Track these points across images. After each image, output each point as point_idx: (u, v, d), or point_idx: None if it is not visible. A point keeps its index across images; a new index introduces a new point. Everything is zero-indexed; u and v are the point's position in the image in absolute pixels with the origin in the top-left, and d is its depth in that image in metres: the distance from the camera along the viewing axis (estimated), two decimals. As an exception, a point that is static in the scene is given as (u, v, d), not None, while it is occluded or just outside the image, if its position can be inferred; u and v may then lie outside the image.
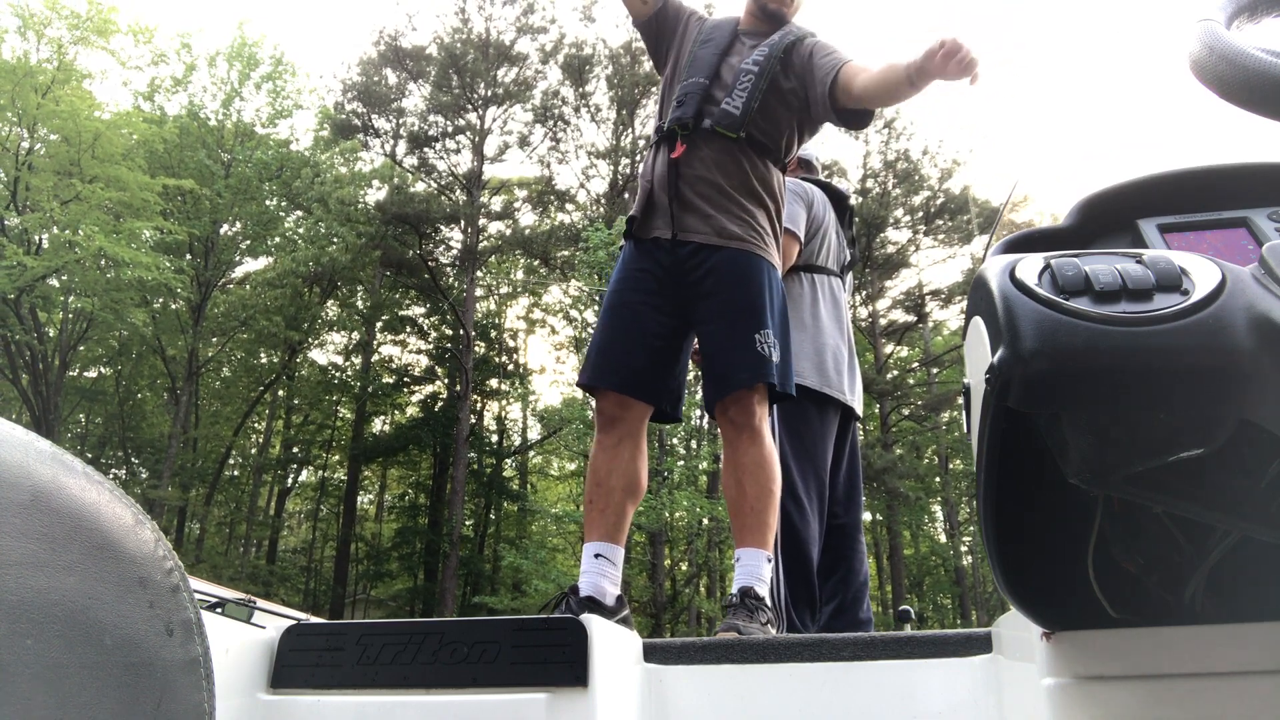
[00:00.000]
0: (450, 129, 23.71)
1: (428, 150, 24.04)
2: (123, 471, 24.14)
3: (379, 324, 25.85)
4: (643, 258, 2.24)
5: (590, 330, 21.27)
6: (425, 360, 26.61)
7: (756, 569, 2.04)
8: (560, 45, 23.28)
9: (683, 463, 17.76)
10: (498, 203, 24.70)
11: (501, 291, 27.47)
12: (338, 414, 26.99)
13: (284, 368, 24.76)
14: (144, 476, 23.01)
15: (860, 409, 3.10)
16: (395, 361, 26.95)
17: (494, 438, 27.02)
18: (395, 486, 28.84)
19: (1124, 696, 0.90)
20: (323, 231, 21.85)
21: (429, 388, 26.46)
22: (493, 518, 25.85)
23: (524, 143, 23.98)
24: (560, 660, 1.29)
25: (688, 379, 2.37)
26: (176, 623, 0.55)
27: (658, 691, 1.46)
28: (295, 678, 1.38)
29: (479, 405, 26.38)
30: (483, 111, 23.48)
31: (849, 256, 3.33)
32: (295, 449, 26.51)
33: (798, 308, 2.97)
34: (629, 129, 23.35)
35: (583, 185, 24.25)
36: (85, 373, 23.05)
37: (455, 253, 24.11)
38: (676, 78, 2.37)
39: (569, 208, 24.67)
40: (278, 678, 1.38)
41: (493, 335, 26.60)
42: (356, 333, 26.12)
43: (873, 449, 21.31)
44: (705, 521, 17.26)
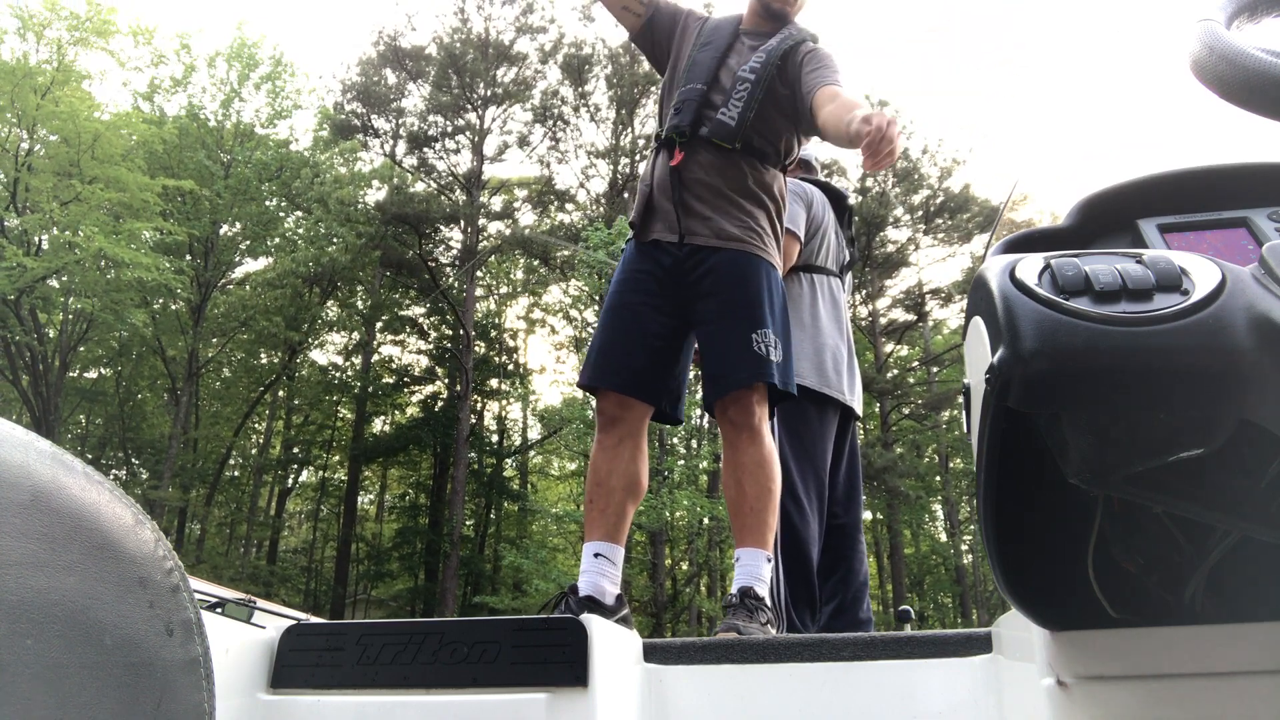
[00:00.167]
0: (450, 129, 23.70)
1: (427, 150, 24.04)
2: (123, 472, 24.14)
3: (379, 324, 25.85)
4: (643, 259, 2.25)
5: (590, 330, 21.28)
6: (425, 360, 26.63)
7: (756, 569, 2.04)
8: (559, 45, 23.27)
9: (683, 462, 17.77)
10: (498, 202, 24.72)
11: (501, 291, 27.48)
12: (338, 414, 26.99)
13: (284, 368, 24.76)
14: (144, 477, 23.00)
15: (860, 409, 3.11)
16: (395, 362, 26.96)
17: (494, 438, 27.02)
18: (396, 487, 28.83)
19: (1124, 696, 0.90)
20: (322, 232, 21.85)
21: (429, 388, 26.47)
22: (493, 518, 25.85)
23: (523, 142, 23.99)
24: (560, 660, 1.29)
25: (689, 379, 2.37)
26: (176, 623, 0.55)
27: (658, 691, 1.46)
28: (295, 678, 1.37)
29: (479, 405, 26.38)
30: (482, 111, 23.47)
31: (848, 256, 3.33)
32: (295, 449, 26.50)
33: (797, 308, 2.97)
34: (628, 128, 23.35)
35: (582, 185, 24.28)
36: (85, 373, 23.04)
37: (455, 253, 24.11)
38: (675, 82, 2.37)
39: (569, 207, 24.69)
40: (278, 678, 1.38)
41: (493, 335, 26.59)
42: (356, 333, 26.11)
43: (873, 448, 21.31)
44: (706, 521, 17.25)
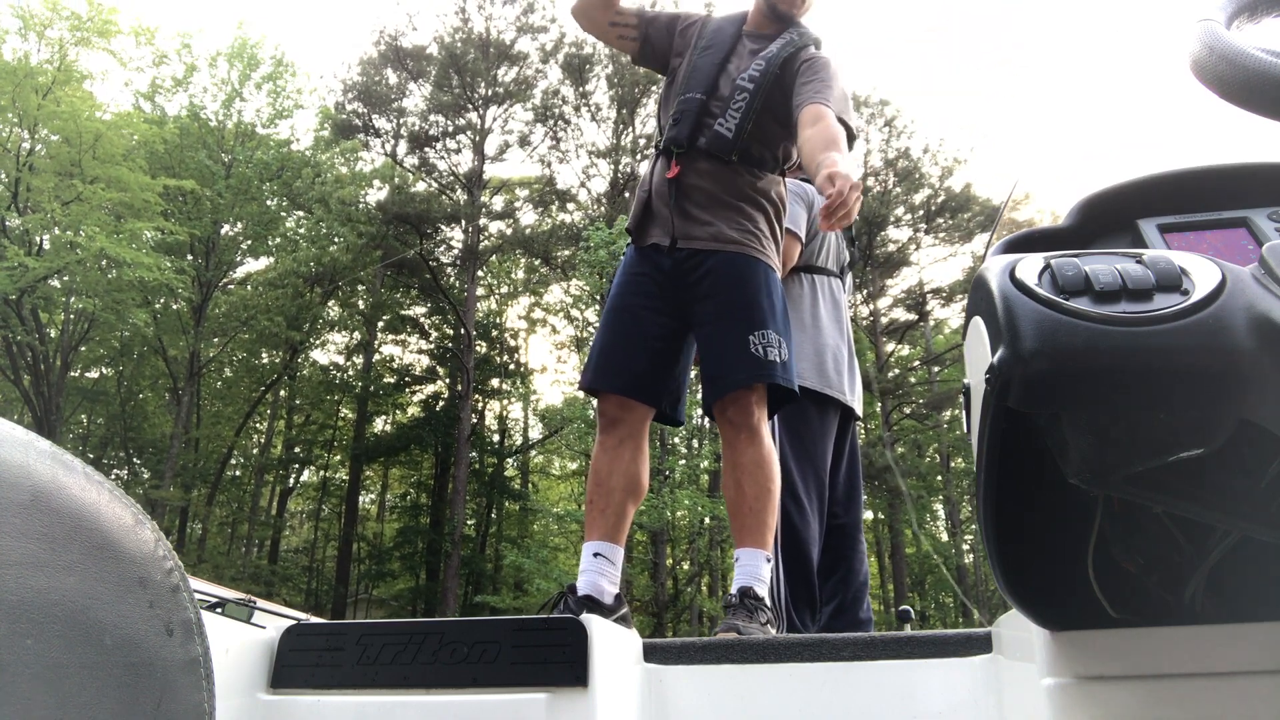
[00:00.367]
0: (451, 128, 23.70)
1: (428, 150, 24.04)
2: (124, 472, 24.16)
3: (380, 324, 25.86)
4: (643, 262, 2.26)
5: (591, 330, 21.28)
6: (426, 360, 26.63)
7: (756, 569, 2.04)
8: (560, 44, 23.26)
9: (684, 462, 17.77)
10: (499, 202, 24.71)
11: (502, 291, 27.48)
12: (339, 414, 27.00)
13: (285, 368, 24.76)
14: (146, 477, 23.02)
15: (860, 409, 3.11)
16: (396, 361, 26.96)
17: (495, 437, 27.02)
18: (397, 486, 28.84)
19: (1124, 696, 0.90)
20: (324, 231, 21.86)
21: (430, 387, 26.48)
22: (494, 517, 25.86)
23: (524, 142, 23.98)
24: (560, 660, 1.29)
25: (689, 379, 2.37)
26: (176, 623, 0.55)
27: (658, 691, 1.46)
28: (295, 678, 1.37)
29: (480, 405, 26.38)
30: (483, 111, 23.47)
31: (849, 257, 3.33)
32: (297, 449, 26.50)
33: (798, 308, 2.97)
34: (629, 128, 23.34)
35: (583, 184, 24.27)
36: (87, 373, 23.06)
37: (456, 252, 24.11)
38: (676, 88, 2.36)
39: (570, 207, 24.69)
40: (278, 678, 1.38)
41: (494, 335, 26.59)
42: (358, 333, 26.12)
43: (874, 447, 21.30)
44: (707, 520, 17.25)
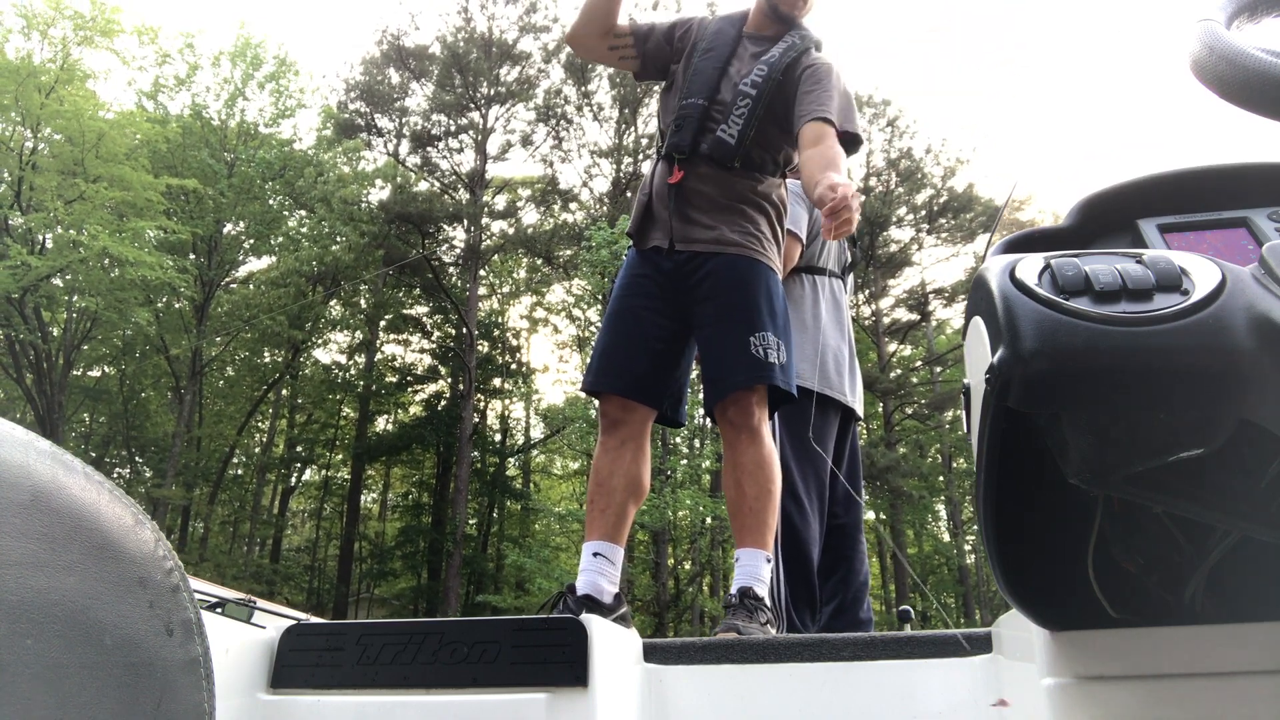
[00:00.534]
0: (453, 128, 23.70)
1: (431, 149, 24.04)
2: (127, 470, 24.19)
3: (382, 323, 25.87)
4: (644, 264, 2.26)
5: (593, 329, 21.28)
6: (428, 359, 26.62)
7: (756, 569, 2.05)
8: (563, 44, 23.24)
9: (686, 461, 17.77)
10: (501, 201, 24.72)
11: (504, 290, 27.48)
12: (341, 413, 27.02)
13: (287, 367, 24.79)
14: (148, 475, 23.03)
15: (861, 410, 3.11)
16: (398, 360, 26.99)
17: (497, 437, 27.03)
18: (399, 485, 28.86)
19: (1124, 696, 0.90)
20: (326, 231, 21.87)
21: (432, 387, 26.47)
22: (496, 516, 25.87)
23: (527, 142, 23.98)
24: (560, 660, 1.29)
25: (690, 379, 2.37)
26: (176, 623, 0.55)
27: (658, 691, 1.46)
28: (295, 678, 1.37)
29: (482, 404, 26.40)
30: (485, 110, 23.48)
31: (850, 257, 3.33)
32: (299, 448, 26.54)
33: (798, 309, 2.97)
34: (631, 128, 23.34)
35: (585, 184, 24.27)
36: (89, 372, 23.08)
37: (458, 252, 24.12)
38: (676, 91, 2.36)
39: (572, 206, 24.68)
40: (278, 678, 1.38)
41: (496, 334, 26.59)
42: (360, 332, 26.13)
43: (876, 448, 21.29)
44: (708, 520, 17.24)
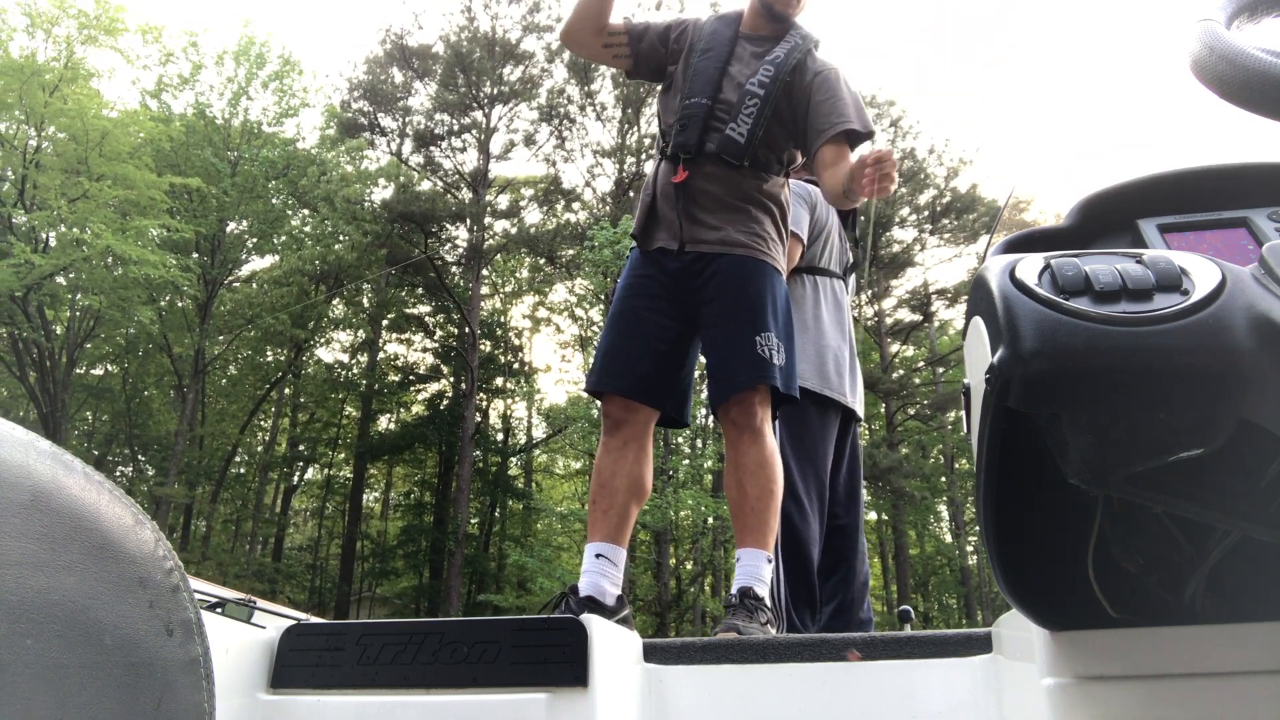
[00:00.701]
0: (456, 127, 23.70)
1: (434, 149, 24.05)
2: (129, 469, 24.22)
3: (385, 322, 25.89)
4: (648, 265, 2.25)
5: (595, 329, 21.28)
6: (431, 358, 26.63)
7: (756, 569, 2.05)
8: (567, 44, 23.21)
9: (688, 462, 17.77)
10: (503, 201, 24.72)
11: (507, 290, 27.49)
12: (344, 412, 27.04)
13: (290, 365, 24.81)
14: (150, 474, 23.07)
15: (861, 410, 3.11)
16: (401, 359, 27.02)
17: (499, 436, 27.06)
18: (401, 484, 28.88)
19: (1124, 696, 0.90)
20: (329, 230, 21.88)
21: (435, 386, 26.49)
22: (498, 516, 25.88)
23: (530, 141, 23.98)
24: (560, 660, 1.29)
25: (693, 380, 2.37)
26: (176, 623, 0.55)
27: (658, 691, 1.46)
28: (295, 678, 1.37)
29: (484, 403, 26.41)
30: (489, 110, 23.48)
31: (852, 258, 3.33)
32: (301, 447, 26.56)
33: (799, 309, 2.97)
34: (634, 127, 23.33)
35: (588, 184, 24.27)
36: (92, 370, 23.10)
37: (461, 251, 24.13)
38: (676, 90, 2.35)
39: (575, 206, 24.69)
40: (278, 678, 1.38)
41: (498, 334, 26.60)
42: (362, 331, 26.16)
43: (878, 448, 21.27)
44: (710, 520, 17.25)
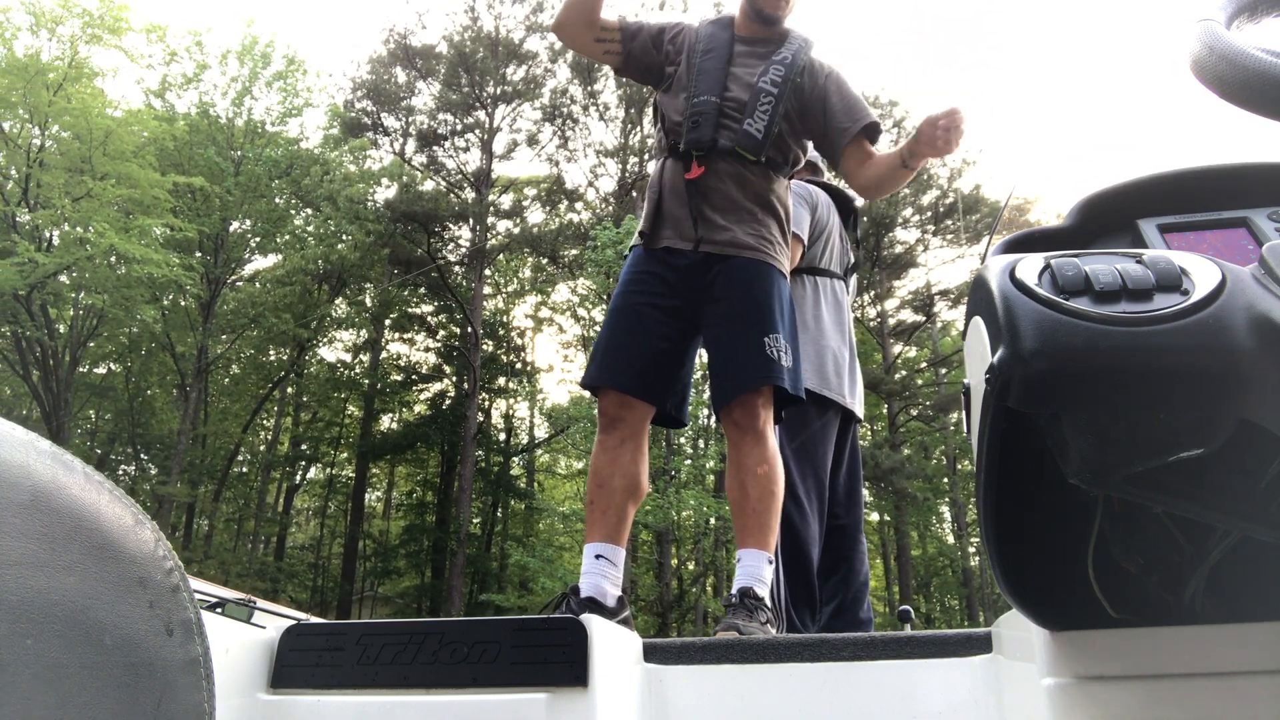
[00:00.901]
0: (459, 127, 23.72)
1: (437, 148, 24.07)
2: (132, 468, 24.25)
3: (387, 322, 25.90)
4: (652, 262, 2.25)
5: (597, 329, 21.24)
6: (433, 358, 26.66)
7: (757, 570, 2.05)
8: (569, 43, 23.20)
9: (690, 462, 17.76)
10: (506, 201, 24.73)
11: (509, 290, 27.50)
12: (346, 411, 27.06)
13: (293, 365, 24.83)
14: (153, 473, 23.08)
15: (861, 411, 3.11)
16: (403, 359, 27.03)
17: (501, 436, 27.06)
18: (403, 484, 28.89)
19: (1124, 696, 0.90)
20: (332, 229, 21.89)
21: (437, 385, 26.50)
22: (500, 516, 25.88)
23: (533, 141, 24.00)
24: (560, 660, 1.29)
25: (694, 380, 2.37)
26: (176, 623, 0.54)
27: (658, 691, 1.46)
28: (295, 678, 1.37)
29: (487, 403, 26.41)
30: (492, 110, 23.49)
31: (852, 259, 3.33)
32: (304, 446, 26.58)
33: (799, 310, 2.97)
34: (637, 128, 23.33)
35: (591, 184, 24.27)
36: (95, 369, 23.12)
37: (464, 251, 24.14)
38: (679, 89, 2.35)
39: (578, 206, 24.70)
40: (278, 678, 1.38)
41: (500, 334, 26.61)
42: (365, 330, 26.17)
43: (880, 449, 21.25)
44: (712, 521, 17.24)
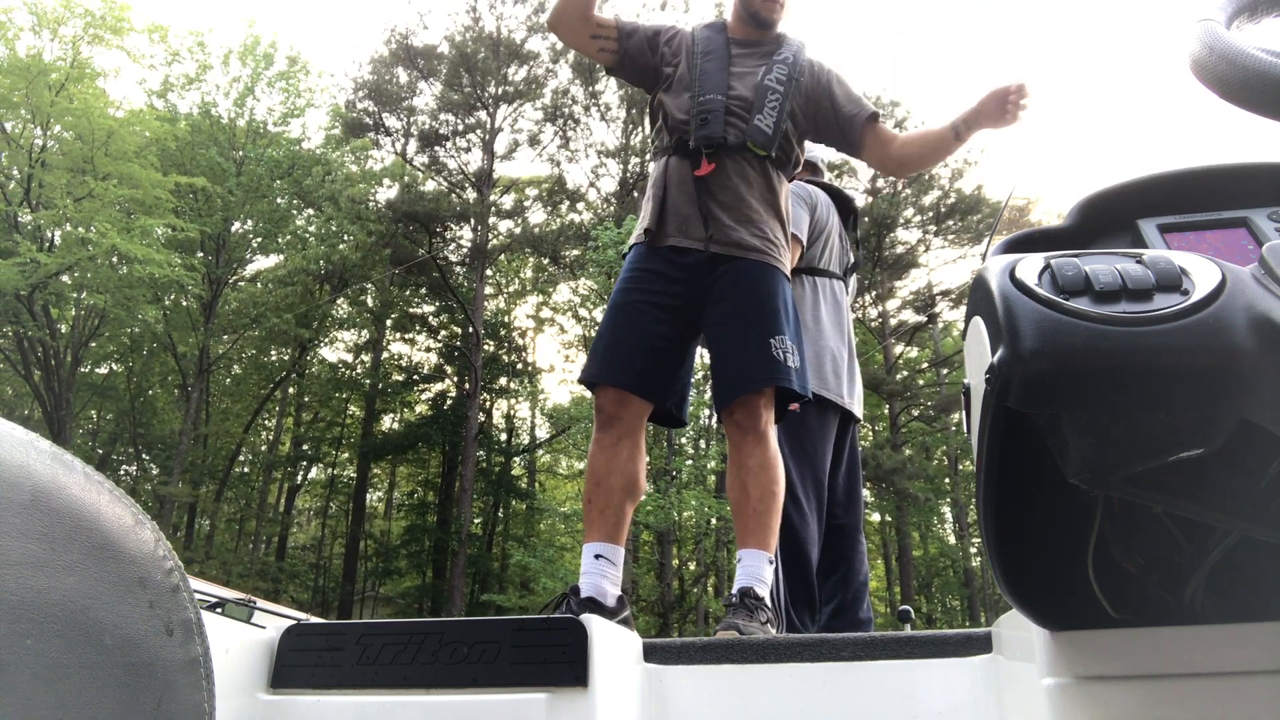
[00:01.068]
0: (461, 127, 23.71)
1: (438, 148, 24.05)
2: (133, 468, 24.27)
3: (389, 322, 25.91)
4: (654, 260, 2.24)
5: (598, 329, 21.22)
6: (434, 358, 26.65)
7: (757, 570, 2.05)
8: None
9: (691, 462, 17.76)
10: (508, 201, 24.72)
11: (510, 290, 27.50)
12: (347, 411, 27.06)
13: (294, 365, 24.84)
14: (155, 473, 23.11)
15: (860, 412, 3.11)
16: (405, 359, 27.04)
17: (503, 436, 27.05)
18: (404, 484, 28.89)
19: (1124, 696, 0.90)
20: (333, 229, 21.90)
21: (438, 386, 26.49)
22: (501, 516, 25.87)
23: (534, 141, 23.98)
24: (560, 660, 1.29)
25: (694, 379, 2.37)
26: (176, 623, 0.55)
27: (658, 691, 1.46)
28: (295, 678, 1.37)
29: (488, 403, 26.41)
30: (493, 110, 23.49)
31: (852, 259, 3.33)
32: (305, 446, 26.59)
33: (799, 310, 2.97)
34: (639, 128, 23.31)
35: (592, 184, 24.26)
36: (97, 369, 23.13)
37: (465, 251, 24.14)
38: (684, 88, 2.35)
39: (579, 206, 24.69)
40: (278, 678, 1.38)
41: (502, 334, 26.61)
42: (366, 330, 26.18)
43: (881, 450, 21.24)
44: (713, 521, 17.24)
